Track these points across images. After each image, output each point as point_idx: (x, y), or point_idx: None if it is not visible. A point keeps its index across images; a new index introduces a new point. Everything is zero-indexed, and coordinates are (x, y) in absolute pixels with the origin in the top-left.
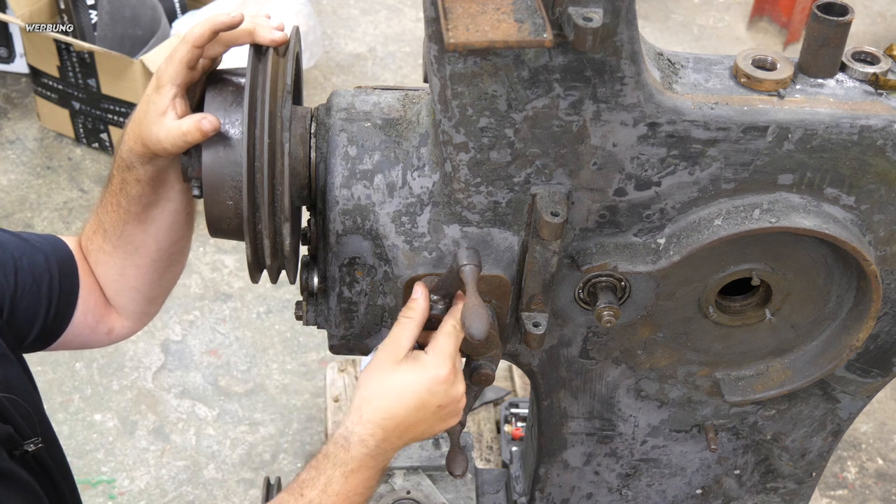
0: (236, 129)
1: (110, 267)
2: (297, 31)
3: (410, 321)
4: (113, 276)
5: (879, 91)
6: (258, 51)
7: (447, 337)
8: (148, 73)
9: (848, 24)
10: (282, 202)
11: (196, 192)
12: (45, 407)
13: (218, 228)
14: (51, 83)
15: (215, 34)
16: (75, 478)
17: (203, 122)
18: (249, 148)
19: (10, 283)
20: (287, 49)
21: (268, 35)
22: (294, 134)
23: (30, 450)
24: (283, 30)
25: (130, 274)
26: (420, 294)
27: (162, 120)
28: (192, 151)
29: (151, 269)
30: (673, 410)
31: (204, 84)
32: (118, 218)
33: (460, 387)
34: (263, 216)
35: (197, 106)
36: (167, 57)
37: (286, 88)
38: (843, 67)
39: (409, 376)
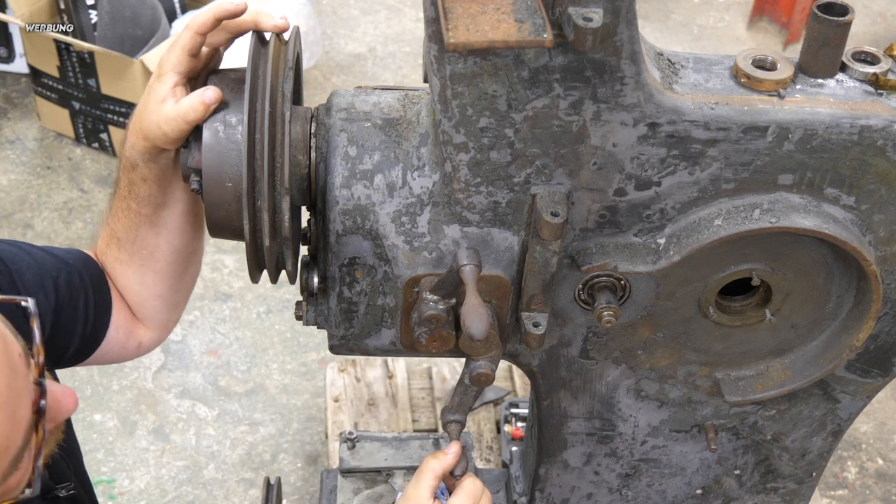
0: (236, 115)
1: (129, 277)
2: (297, 31)
3: (431, 473)
4: (134, 287)
5: (879, 91)
6: (261, 39)
7: (467, 497)
8: (148, 73)
9: (848, 24)
10: (282, 174)
11: (195, 185)
12: None
13: (217, 222)
14: (51, 83)
15: (218, 21)
16: None
17: (206, 92)
18: (250, 130)
19: (50, 300)
20: (288, 51)
21: (270, 21)
22: (294, 130)
23: (62, 495)
24: (285, 20)
25: (150, 281)
26: (454, 451)
27: (162, 107)
28: (190, 143)
29: (169, 272)
30: (673, 410)
31: (204, 79)
32: (130, 223)
33: None
34: (263, 190)
35: None
36: (170, 45)
37: (288, 65)
38: (843, 67)
39: None
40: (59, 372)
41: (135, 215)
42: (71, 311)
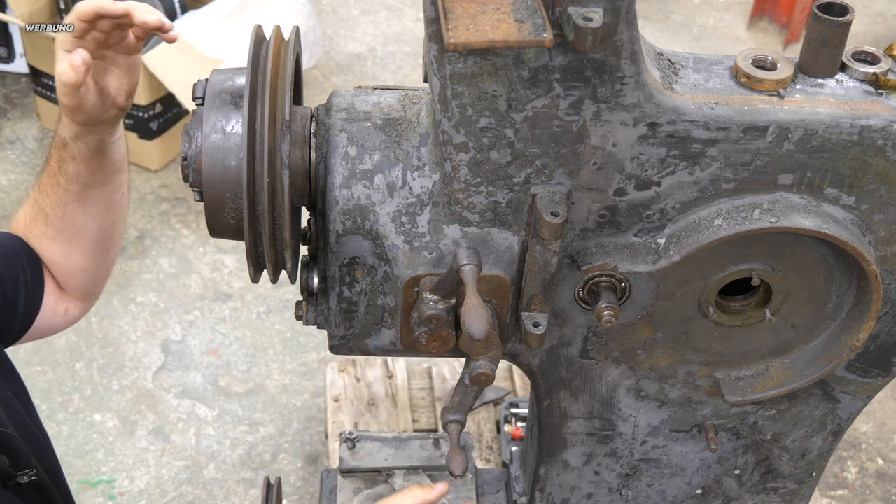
0: (236, 122)
1: (55, 251)
2: (297, 31)
3: (411, 497)
4: (59, 260)
5: (879, 91)
6: (256, 56)
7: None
8: (147, 73)
9: (848, 24)
10: (282, 234)
11: (198, 197)
12: (45, 407)
13: (216, 227)
14: (51, 83)
15: (99, 17)
16: (75, 478)
17: (73, 57)
18: (249, 177)
19: None
20: (288, 51)
21: (140, 17)
22: (294, 136)
23: (23, 481)
24: (160, 20)
25: (76, 256)
26: (440, 490)
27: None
28: (189, 162)
29: (95, 248)
30: (673, 410)
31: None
32: (58, 199)
33: None
34: (265, 244)
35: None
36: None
37: (288, 86)
38: (843, 67)
39: None
40: (57, 367)
41: (63, 192)
42: (12, 283)
